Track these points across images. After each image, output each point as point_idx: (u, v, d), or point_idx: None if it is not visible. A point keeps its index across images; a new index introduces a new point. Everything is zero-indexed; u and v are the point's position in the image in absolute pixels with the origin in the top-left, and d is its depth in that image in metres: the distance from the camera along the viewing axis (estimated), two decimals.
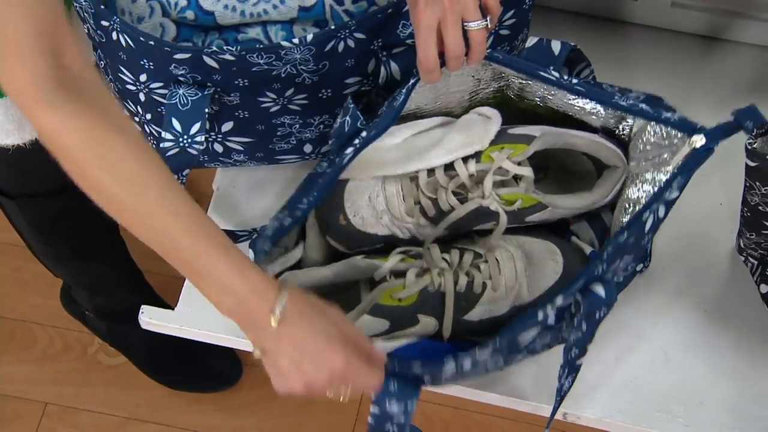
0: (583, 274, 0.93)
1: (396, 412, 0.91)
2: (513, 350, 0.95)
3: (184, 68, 0.97)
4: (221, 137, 1.07)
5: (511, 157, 1.01)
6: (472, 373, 0.94)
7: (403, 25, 0.99)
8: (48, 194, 1.39)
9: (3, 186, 1.38)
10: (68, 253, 1.53)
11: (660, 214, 0.97)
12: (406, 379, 0.92)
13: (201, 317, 1.11)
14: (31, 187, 1.38)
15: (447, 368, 0.92)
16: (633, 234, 0.95)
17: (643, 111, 0.98)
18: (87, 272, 1.59)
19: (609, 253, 0.94)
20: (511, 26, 1.06)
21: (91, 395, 1.77)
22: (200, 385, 1.75)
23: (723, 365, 1.08)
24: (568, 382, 1.00)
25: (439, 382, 0.93)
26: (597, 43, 1.25)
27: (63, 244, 1.50)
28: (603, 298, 0.94)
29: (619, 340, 1.09)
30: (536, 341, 0.97)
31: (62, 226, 1.46)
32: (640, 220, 0.95)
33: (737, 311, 1.10)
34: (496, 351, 0.93)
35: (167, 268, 1.77)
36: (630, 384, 1.07)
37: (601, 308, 0.95)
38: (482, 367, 0.94)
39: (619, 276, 1.01)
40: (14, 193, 1.38)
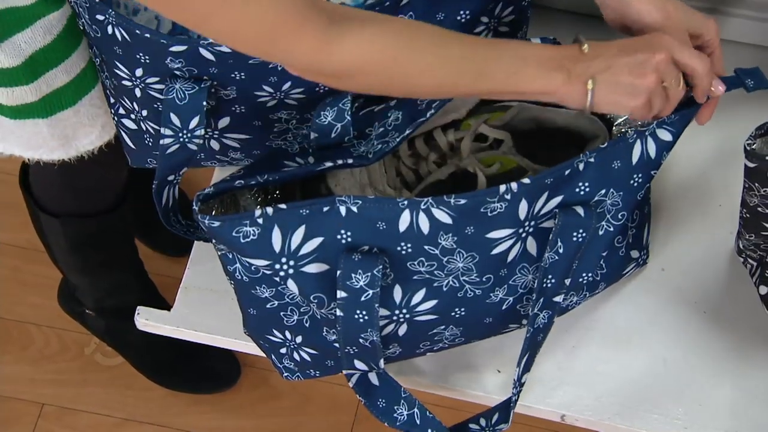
0: (563, 167, 0.93)
1: (361, 286, 0.91)
2: (478, 226, 0.93)
3: (180, 61, 0.97)
4: (218, 134, 1.07)
5: (488, 122, 1.04)
6: (428, 239, 0.93)
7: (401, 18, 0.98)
8: (93, 214, 1.39)
9: (48, 205, 1.38)
10: (96, 264, 1.54)
11: (650, 149, 0.97)
12: (370, 253, 0.92)
13: (197, 318, 1.11)
14: (79, 206, 1.39)
15: (402, 218, 0.92)
16: (618, 154, 0.96)
17: None
18: (108, 280, 1.60)
19: (595, 161, 0.95)
20: (510, 23, 1.06)
21: (89, 396, 1.76)
22: (199, 386, 1.75)
23: (722, 367, 1.08)
24: (541, 320, 0.98)
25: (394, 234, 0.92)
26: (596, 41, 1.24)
27: (94, 258, 1.51)
28: (582, 217, 0.94)
29: (617, 341, 1.09)
30: (515, 255, 0.96)
31: (99, 242, 1.46)
32: (626, 142, 0.96)
33: (736, 313, 1.10)
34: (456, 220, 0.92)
35: (167, 269, 1.79)
36: (628, 386, 1.07)
37: (579, 229, 0.94)
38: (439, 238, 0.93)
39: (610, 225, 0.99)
40: (60, 212, 1.38)
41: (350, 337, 0.95)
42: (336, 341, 0.99)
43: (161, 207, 1.01)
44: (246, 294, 0.98)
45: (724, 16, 1.23)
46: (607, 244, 1.00)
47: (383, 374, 0.99)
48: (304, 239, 0.92)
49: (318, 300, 0.94)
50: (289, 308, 0.98)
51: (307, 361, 1.02)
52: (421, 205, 0.91)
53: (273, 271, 0.93)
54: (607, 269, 1.03)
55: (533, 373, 1.06)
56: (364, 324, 0.93)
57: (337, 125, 0.97)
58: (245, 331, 1.04)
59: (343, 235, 0.92)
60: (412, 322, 0.97)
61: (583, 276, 1.01)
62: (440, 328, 0.99)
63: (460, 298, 0.97)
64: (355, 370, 0.99)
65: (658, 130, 0.97)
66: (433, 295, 0.96)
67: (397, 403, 0.98)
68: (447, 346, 1.02)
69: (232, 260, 0.96)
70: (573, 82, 0.89)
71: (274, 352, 1.03)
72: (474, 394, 1.07)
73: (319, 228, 0.92)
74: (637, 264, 1.08)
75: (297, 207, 0.91)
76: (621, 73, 0.89)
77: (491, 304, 0.98)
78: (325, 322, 0.98)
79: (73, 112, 1.09)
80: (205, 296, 1.11)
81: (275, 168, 0.96)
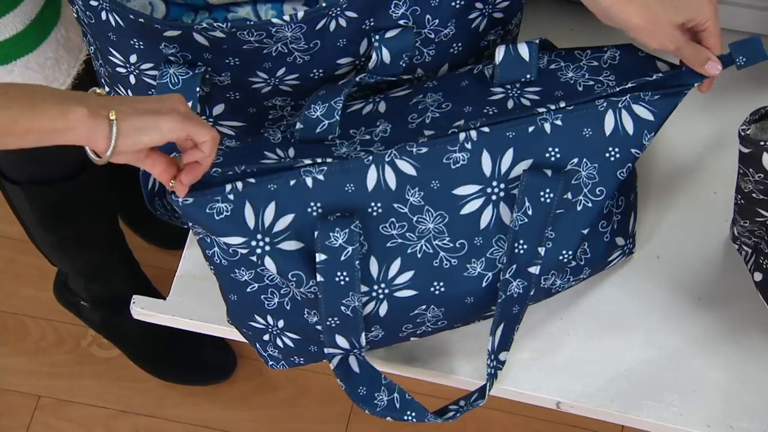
0: (525, 122, 0.95)
1: (340, 243, 0.93)
2: (443, 180, 0.95)
3: (175, 47, 0.97)
4: (212, 121, 1.07)
5: None
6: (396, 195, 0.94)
7: (395, 5, 0.98)
8: (54, 180, 1.39)
9: (9, 172, 1.38)
10: (70, 240, 1.53)
11: (625, 123, 0.98)
12: (344, 216, 0.93)
13: (193, 307, 1.11)
14: (38, 173, 1.38)
15: (369, 175, 0.94)
16: (587, 120, 0.97)
17: (627, 89, 0.99)
18: (87, 260, 1.59)
19: (562, 124, 0.96)
20: (505, 9, 1.05)
21: (84, 388, 1.76)
22: (194, 378, 1.75)
23: (717, 354, 1.07)
24: (515, 288, 0.99)
25: (363, 194, 0.93)
26: (590, 29, 1.24)
27: (66, 232, 1.50)
28: (548, 178, 0.95)
29: (611, 328, 1.09)
30: (488, 221, 0.97)
31: (66, 213, 1.46)
32: (595, 109, 0.97)
33: (731, 300, 1.10)
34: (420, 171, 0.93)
35: (160, 261, 1.79)
36: (623, 372, 1.07)
37: (546, 188, 0.95)
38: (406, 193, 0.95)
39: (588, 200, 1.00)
40: (20, 179, 1.38)
41: (332, 305, 0.95)
42: (318, 323, 0.99)
43: (147, 192, 1.02)
44: (226, 279, 0.99)
45: (725, 5, 1.22)
46: (588, 222, 1.00)
47: (363, 360, 1.00)
48: (276, 216, 0.94)
49: (297, 278, 0.95)
50: (269, 290, 0.99)
51: (290, 347, 1.02)
52: (385, 157, 0.94)
53: (250, 250, 0.94)
54: (591, 254, 1.03)
55: (526, 359, 1.06)
56: (345, 287, 0.94)
57: (325, 122, 0.98)
58: (228, 319, 1.04)
59: (313, 207, 0.94)
60: (392, 298, 0.98)
61: (563, 254, 1.00)
62: (422, 308, 0.99)
63: (436, 269, 0.98)
64: (337, 349, 0.99)
65: (634, 105, 0.98)
66: (409, 265, 0.97)
67: (378, 389, 0.99)
68: (430, 330, 1.02)
69: (210, 244, 0.97)
70: (96, 114, 0.82)
71: (258, 340, 1.03)
72: (458, 379, 1.07)
73: (289, 204, 0.94)
74: (623, 252, 1.08)
75: (265, 182, 0.94)
76: (146, 102, 0.85)
77: (470, 279, 0.99)
78: (305, 303, 0.98)
79: (6, 71, 1.08)
80: (200, 285, 1.11)
81: (255, 158, 0.97)
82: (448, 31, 1.03)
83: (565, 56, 1.03)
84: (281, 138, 0.99)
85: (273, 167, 0.95)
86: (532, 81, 1.00)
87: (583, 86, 1.00)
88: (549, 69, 1.02)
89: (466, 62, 1.08)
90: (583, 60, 1.02)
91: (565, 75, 1.01)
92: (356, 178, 0.94)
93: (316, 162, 0.95)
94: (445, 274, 0.98)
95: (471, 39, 1.06)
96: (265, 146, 0.99)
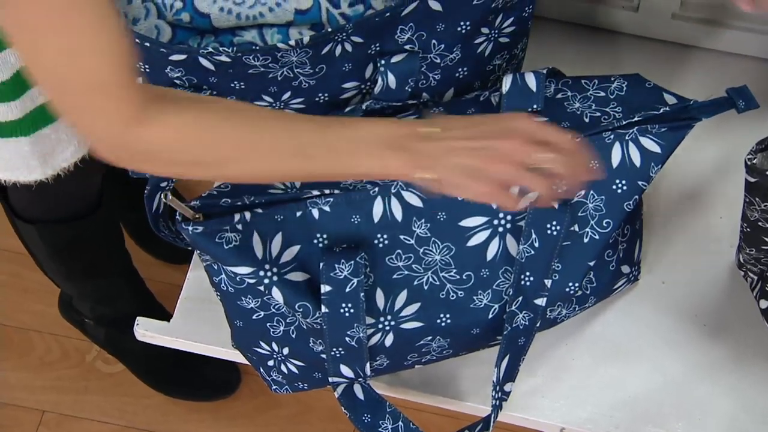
0: None
1: (345, 275, 0.92)
2: (450, 212, 0.95)
3: (180, 70, 0.97)
4: None
5: None
6: (402, 227, 0.94)
7: (401, 30, 0.98)
8: (67, 220, 1.39)
9: (23, 211, 1.38)
10: (79, 271, 1.53)
11: (632, 155, 0.98)
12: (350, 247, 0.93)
13: (196, 329, 1.11)
14: (52, 213, 1.38)
15: (375, 207, 0.93)
16: (593, 153, 0.95)
17: (634, 122, 0.98)
18: (95, 287, 1.59)
19: None
20: (511, 34, 1.05)
21: (89, 403, 1.76)
22: (199, 394, 1.75)
23: (722, 381, 1.07)
24: (521, 320, 0.98)
25: (370, 226, 0.93)
26: (596, 54, 1.24)
27: (76, 264, 1.51)
28: (555, 210, 0.95)
29: (616, 354, 1.08)
30: (494, 253, 0.97)
31: (77, 248, 1.46)
32: (602, 141, 0.97)
33: (737, 326, 1.09)
34: (427, 203, 0.93)
35: (167, 276, 1.79)
36: (628, 399, 1.06)
37: (552, 221, 0.95)
38: (413, 225, 0.95)
39: (595, 232, 0.99)
40: (34, 218, 1.38)
41: (336, 336, 0.95)
42: (323, 352, 0.99)
43: (151, 213, 1.01)
44: (232, 305, 0.99)
45: (725, 29, 1.22)
46: (595, 254, 1.00)
47: (368, 388, 0.99)
48: (283, 246, 0.94)
49: (303, 309, 0.94)
50: (275, 319, 0.98)
51: (295, 374, 1.02)
52: (391, 189, 0.95)
53: (257, 280, 0.94)
54: (597, 283, 1.03)
55: (531, 385, 1.06)
56: (350, 318, 0.94)
57: None
58: (233, 344, 1.04)
59: (319, 238, 0.95)
60: (398, 330, 0.97)
61: (569, 286, 1.00)
62: (427, 339, 0.99)
63: (442, 301, 0.97)
64: (342, 378, 0.99)
65: (641, 137, 0.97)
66: (415, 297, 0.97)
67: (383, 417, 0.98)
68: (435, 358, 1.02)
69: (217, 271, 0.97)
70: (412, 167, 0.81)
71: (262, 365, 1.02)
72: (465, 405, 1.07)
73: (295, 235, 0.94)
74: (628, 280, 1.07)
75: (272, 213, 0.94)
76: (466, 156, 0.81)
77: (476, 311, 0.98)
78: (311, 333, 0.98)
79: (53, 129, 1.08)
80: (204, 307, 1.11)
81: (262, 187, 0.96)
82: (454, 55, 1.03)
83: (572, 85, 1.02)
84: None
85: (280, 198, 0.95)
86: (539, 111, 0.99)
87: (590, 117, 0.99)
88: (556, 98, 1.01)
89: (472, 86, 1.08)
90: (590, 90, 1.02)
91: (572, 105, 1.01)
92: (362, 209, 0.94)
93: (322, 193, 0.95)
94: (451, 305, 0.98)
95: (477, 63, 1.06)
96: None
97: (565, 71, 1.06)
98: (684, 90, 1.03)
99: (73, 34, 0.73)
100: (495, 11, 1.02)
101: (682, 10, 1.22)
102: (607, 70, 1.08)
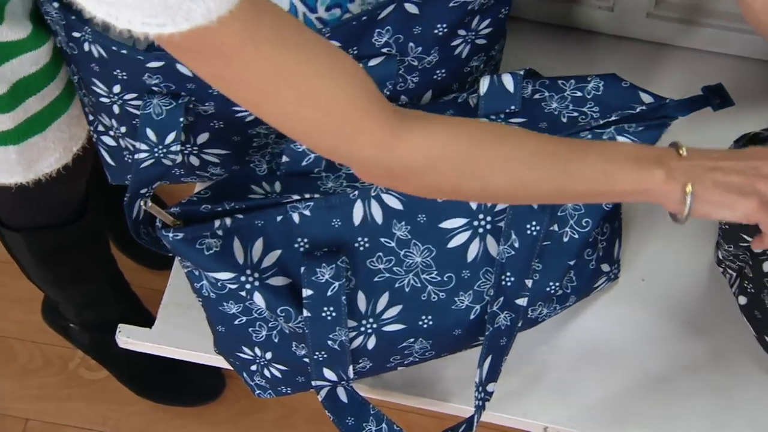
0: None
1: (327, 279, 0.92)
2: (430, 214, 0.95)
3: (158, 77, 0.97)
4: (197, 149, 1.07)
5: None
6: (383, 229, 0.94)
7: (378, 33, 0.98)
8: (55, 226, 1.39)
9: (8, 220, 1.38)
10: (66, 277, 1.53)
11: None
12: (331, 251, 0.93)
13: (179, 335, 1.11)
14: (37, 220, 1.38)
15: (355, 210, 0.94)
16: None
17: (611, 122, 0.99)
18: (82, 292, 1.59)
19: None
20: (487, 36, 1.06)
21: (73, 410, 1.75)
22: (183, 399, 1.74)
23: (703, 377, 1.08)
24: (502, 320, 0.99)
25: (350, 229, 0.94)
26: (573, 54, 1.25)
27: (62, 270, 1.50)
28: (534, 210, 0.95)
29: (598, 352, 1.09)
30: (475, 254, 0.97)
31: (64, 254, 1.45)
32: (578, 137, 0.97)
33: (717, 323, 1.10)
34: (407, 205, 0.93)
35: (149, 281, 1.78)
36: (610, 397, 1.07)
37: (532, 221, 0.95)
38: (393, 228, 0.95)
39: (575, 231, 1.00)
40: (20, 226, 1.38)
41: (318, 340, 0.95)
42: (305, 356, 0.99)
43: (131, 220, 1.01)
44: (214, 311, 0.99)
45: (700, 27, 1.23)
46: (575, 253, 1.01)
47: (351, 391, 0.99)
48: (264, 251, 0.94)
49: (285, 314, 0.95)
50: (258, 324, 0.99)
51: (278, 378, 1.02)
52: (371, 192, 0.95)
53: (239, 285, 0.94)
54: (577, 282, 1.04)
55: (514, 385, 1.06)
56: (332, 322, 0.94)
57: (311, 155, 0.98)
58: (216, 349, 1.04)
59: (300, 242, 0.95)
60: (380, 333, 0.98)
61: (550, 286, 1.01)
62: (410, 341, 0.99)
63: (424, 302, 0.98)
64: (325, 382, 0.99)
65: (618, 136, 0.98)
66: (397, 299, 0.97)
67: (366, 419, 0.99)
68: (418, 360, 1.02)
69: (198, 277, 0.97)
70: (673, 180, 0.80)
71: (245, 370, 1.03)
72: (449, 406, 1.07)
73: (276, 239, 0.94)
74: (608, 278, 1.08)
75: (252, 218, 0.94)
76: (729, 174, 0.81)
77: (458, 312, 0.99)
78: (293, 337, 0.98)
79: (42, 137, 1.08)
80: (186, 313, 1.11)
81: (242, 192, 0.96)
82: (432, 58, 1.03)
83: (549, 86, 1.03)
84: (267, 170, 0.99)
85: (260, 203, 0.95)
86: (517, 112, 1.00)
87: (567, 117, 1.00)
88: (533, 99, 1.02)
89: (450, 88, 1.08)
90: (567, 90, 1.02)
91: (549, 105, 1.01)
92: (342, 213, 0.95)
93: (302, 198, 0.95)
94: (433, 307, 0.98)
95: (454, 65, 1.06)
96: (251, 179, 0.98)
97: (542, 72, 1.07)
98: (660, 89, 1.04)
99: (308, 80, 0.73)
100: (471, 13, 1.02)
101: (657, 10, 1.23)
102: (584, 70, 1.09)
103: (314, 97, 0.74)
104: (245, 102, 0.75)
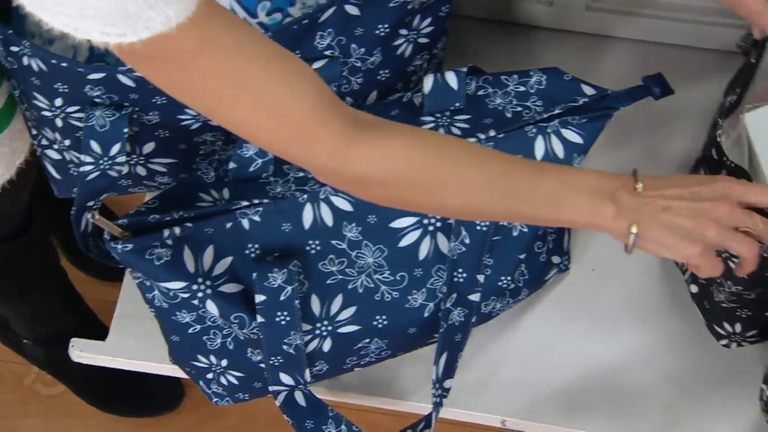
0: None
1: (279, 284, 0.92)
2: (380, 214, 0.95)
3: (100, 89, 0.96)
4: (143, 159, 1.06)
5: None
6: (333, 231, 0.95)
7: (320, 36, 0.98)
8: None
9: None
10: (14, 291, 1.51)
11: (555, 148, 0.99)
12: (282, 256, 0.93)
13: (133, 347, 1.10)
14: None
15: (305, 214, 0.94)
16: (518, 147, 0.98)
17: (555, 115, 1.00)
18: (30, 305, 1.57)
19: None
20: (429, 34, 1.06)
21: (31, 427, 1.74)
22: (142, 411, 1.73)
23: (656, 365, 1.09)
24: (456, 317, 0.99)
25: (301, 233, 0.94)
26: (515, 49, 1.25)
27: (9, 284, 1.49)
28: None
29: (551, 344, 1.10)
30: (426, 252, 0.98)
31: (10, 268, 1.44)
32: (525, 135, 0.98)
33: (669, 311, 1.11)
34: (356, 206, 0.94)
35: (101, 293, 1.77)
36: (565, 387, 1.08)
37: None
38: (344, 230, 0.95)
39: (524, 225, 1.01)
40: None
41: (273, 345, 0.95)
42: (261, 362, 0.99)
43: (79, 233, 1.01)
44: (167, 321, 0.98)
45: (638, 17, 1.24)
46: (525, 247, 1.02)
47: (309, 394, 1.00)
48: (215, 259, 0.94)
49: (239, 320, 0.95)
50: (212, 331, 0.98)
51: (235, 385, 1.02)
52: (320, 195, 0.95)
53: (191, 294, 0.94)
54: (529, 275, 1.04)
55: (470, 380, 1.07)
56: (286, 327, 0.94)
57: (258, 160, 0.98)
58: (171, 359, 1.03)
59: (251, 248, 0.95)
60: (335, 335, 0.98)
61: (502, 280, 1.02)
62: (365, 342, 0.99)
63: (378, 303, 0.98)
64: (282, 387, 0.99)
65: (562, 129, 0.99)
66: (350, 301, 0.98)
67: (325, 422, 0.99)
68: (374, 360, 1.03)
69: (150, 288, 0.96)
70: (621, 217, 0.82)
71: (201, 378, 1.02)
72: (407, 404, 1.08)
73: (227, 246, 0.94)
74: (559, 270, 1.09)
75: (202, 226, 0.94)
76: (679, 216, 0.82)
77: (411, 310, 0.99)
78: (248, 343, 0.98)
79: None
80: (140, 324, 1.10)
81: (190, 201, 0.96)
82: (375, 58, 1.04)
83: (492, 82, 1.03)
84: (214, 177, 0.99)
85: (209, 211, 0.95)
86: (462, 109, 1.00)
87: (512, 112, 1.01)
88: (477, 95, 1.02)
89: (394, 88, 1.08)
90: (511, 85, 1.03)
91: (494, 101, 1.02)
92: (292, 217, 0.95)
93: (251, 203, 0.95)
94: (387, 307, 0.98)
95: (397, 65, 1.06)
96: (199, 187, 0.98)
97: (485, 68, 1.07)
98: (601, 80, 1.05)
99: (265, 86, 0.73)
100: (412, 12, 1.02)
101: (595, 2, 1.24)
102: (526, 64, 1.09)
103: (271, 104, 0.74)
104: (203, 108, 0.75)
